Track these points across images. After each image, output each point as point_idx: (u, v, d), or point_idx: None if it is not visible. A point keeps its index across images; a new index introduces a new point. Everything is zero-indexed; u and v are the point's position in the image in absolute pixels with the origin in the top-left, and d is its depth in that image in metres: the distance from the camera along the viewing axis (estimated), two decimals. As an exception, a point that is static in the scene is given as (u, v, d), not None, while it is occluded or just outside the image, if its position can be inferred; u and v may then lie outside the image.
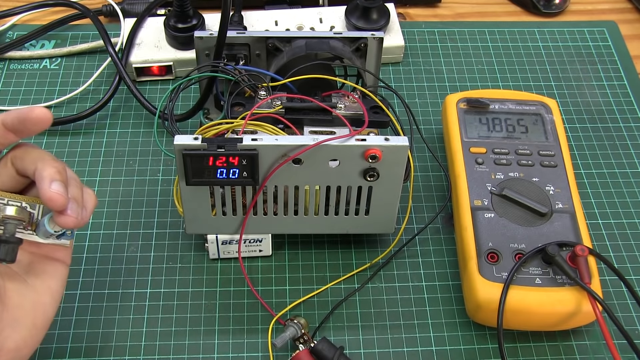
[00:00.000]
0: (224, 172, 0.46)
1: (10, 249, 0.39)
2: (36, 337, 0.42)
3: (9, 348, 0.40)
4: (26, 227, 0.41)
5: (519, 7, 0.78)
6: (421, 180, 0.61)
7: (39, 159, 0.40)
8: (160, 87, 0.68)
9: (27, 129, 0.39)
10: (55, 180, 0.39)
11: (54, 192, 0.38)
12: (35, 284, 0.42)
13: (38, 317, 0.42)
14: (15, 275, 0.42)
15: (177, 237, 0.56)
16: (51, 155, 0.41)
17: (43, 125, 0.39)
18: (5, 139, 0.40)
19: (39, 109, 0.39)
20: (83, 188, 0.42)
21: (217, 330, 0.51)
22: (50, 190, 0.38)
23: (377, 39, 0.55)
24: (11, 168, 0.41)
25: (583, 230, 0.51)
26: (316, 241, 0.56)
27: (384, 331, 0.51)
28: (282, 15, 0.71)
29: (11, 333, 0.40)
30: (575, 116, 0.66)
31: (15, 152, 0.41)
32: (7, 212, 0.40)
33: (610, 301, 0.53)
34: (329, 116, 0.50)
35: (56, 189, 0.38)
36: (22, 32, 0.70)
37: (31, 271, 0.43)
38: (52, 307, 0.43)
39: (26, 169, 0.40)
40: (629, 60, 0.72)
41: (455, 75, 0.70)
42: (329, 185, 0.49)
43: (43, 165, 0.39)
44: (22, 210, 0.40)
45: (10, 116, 0.39)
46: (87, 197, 0.42)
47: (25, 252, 0.42)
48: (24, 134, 0.40)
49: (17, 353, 0.41)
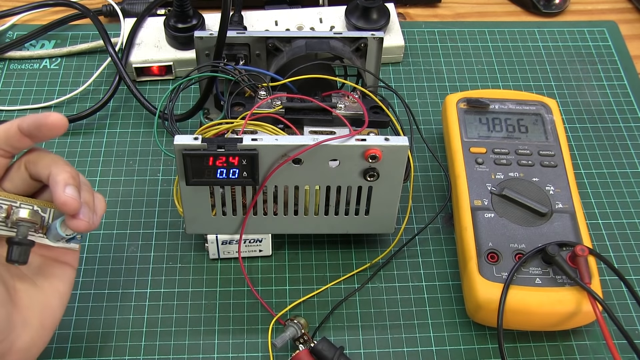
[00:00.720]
0: (224, 172, 0.46)
1: (23, 250, 0.40)
2: (44, 338, 0.43)
3: (18, 348, 0.41)
4: (37, 230, 0.42)
5: (519, 7, 0.78)
6: (421, 180, 0.61)
7: (53, 164, 0.41)
8: (160, 87, 0.68)
9: (42, 134, 0.40)
10: (69, 185, 0.40)
11: (68, 196, 0.39)
12: (44, 286, 0.43)
13: (46, 318, 0.43)
14: (25, 277, 0.43)
15: (177, 237, 0.56)
16: (64, 160, 0.42)
17: (58, 131, 0.40)
18: (21, 143, 0.41)
19: (55, 115, 0.40)
20: (94, 193, 0.43)
21: (217, 330, 0.51)
22: (65, 194, 0.39)
23: (377, 39, 0.55)
24: (24, 172, 0.41)
25: (583, 230, 0.51)
26: (316, 241, 0.56)
27: (384, 331, 0.51)
28: (282, 15, 0.71)
29: (21, 333, 0.41)
30: (575, 116, 0.66)
31: (29, 156, 0.42)
32: (20, 215, 0.40)
33: (610, 301, 0.53)
34: (329, 116, 0.50)
35: (70, 194, 0.39)
36: (22, 32, 0.70)
37: (41, 273, 0.43)
38: (59, 309, 0.44)
39: (40, 173, 0.41)
40: (629, 60, 0.72)
41: (455, 75, 0.70)
42: (329, 185, 0.49)
43: (57, 170, 0.40)
44: (35, 214, 0.41)
45: (26, 121, 0.40)
46: (98, 202, 0.43)
47: (35, 255, 0.43)
48: (38, 139, 0.41)
49: (26, 353, 0.41)
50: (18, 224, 0.40)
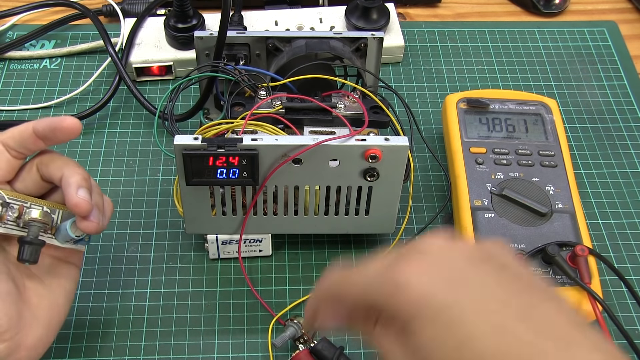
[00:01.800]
0: (224, 172, 0.46)
1: (34, 250, 0.41)
2: (50, 336, 0.44)
3: (27, 345, 0.42)
4: (47, 230, 0.42)
5: (519, 7, 0.78)
6: (421, 180, 0.61)
7: (65, 166, 0.41)
8: (160, 87, 0.68)
9: (56, 137, 0.41)
10: (82, 187, 0.41)
11: (80, 198, 0.40)
12: (52, 285, 0.44)
13: (54, 317, 0.44)
14: (34, 276, 0.43)
15: (177, 237, 0.56)
16: (76, 162, 0.43)
17: (72, 135, 0.41)
18: (35, 146, 0.42)
19: (70, 119, 0.41)
20: (103, 196, 0.44)
21: (217, 330, 0.51)
22: (78, 196, 0.40)
23: (377, 39, 0.55)
24: (36, 173, 0.42)
25: (583, 230, 0.51)
26: (316, 241, 0.56)
27: (384, 331, 0.51)
28: (282, 15, 0.71)
29: (30, 330, 0.42)
30: (575, 116, 0.66)
31: (41, 158, 0.42)
32: (32, 215, 0.41)
33: (610, 301, 0.53)
34: (329, 116, 0.50)
35: (82, 196, 0.40)
36: (22, 32, 0.70)
37: (49, 273, 0.44)
38: (65, 307, 0.45)
39: (52, 175, 0.42)
40: (629, 60, 0.72)
41: (455, 75, 0.70)
42: (329, 185, 0.49)
43: (70, 172, 0.41)
44: (46, 214, 0.42)
45: (41, 124, 0.41)
46: (107, 205, 0.44)
47: (44, 255, 0.43)
48: (52, 142, 0.42)
49: (34, 351, 0.42)
50: (29, 224, 0.41)
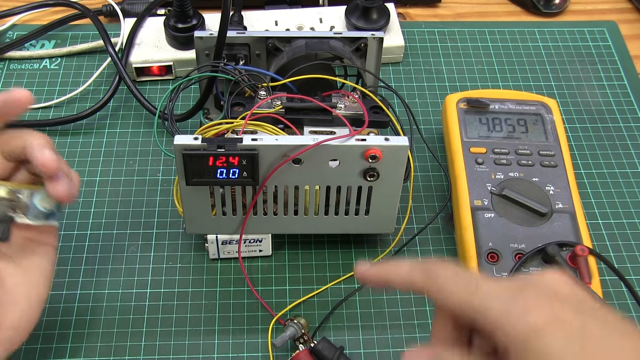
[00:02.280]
0: (224, 172, 0.46)
1: (5, 227, 0.41)
2: (32, 316, 0.44)
3: (7, 326, 0.42)
4: (16, 210, 0.42)
5: (519, 7, 0.78)
6: (421, 180, 0.61)
7: (26, 135, 0.42)
8: (160, 87, 0.68)
9: (9, 110, 0.41)
10: (46, 147, 0.40)
11: (47, 157, 0.40)
12: (28, 266, 0.44)
13: (32, 297, 0.44)
14: (8, 258, 0.44)
15: (177, 237, 0.56)
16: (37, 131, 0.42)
17: (24, 105, 0.41)
18: None
19: (19, 90, 0.41)
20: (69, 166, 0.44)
21: (217, 330, 0.51)
22: (43, 155, 0.40)
23: (377, 39, 0.55)
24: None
25: (583, 230, 0.51)
26: (316, 241, 0.56)
27: (384, 331, 0.51)
28: (282, 15, 0.71)
29: (8, 311, 0.42)
30: (575, 116, 0.66)
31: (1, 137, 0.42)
32: None
33: (610, 301, 0.53)
34: (329, 116, 0.50)
35: (49, 154, 0.40)
36: (22, 32, 0.70)
37: (23, 254, 0.44)
38: (45, 287, 0.45)
39: (15, 149, 0.42)
40: (629, 60, 0.72)
41: (455, 75, 0.70)
42: (329, 185, 0.49)
43: (32, 138, 0.41)
44: (11, 192, 0.42)
45: None
46: (73, 174, 0.44)
47: (16, 236, 0.44)
48: (7, 116, 0.42)
49: (15, 331, 0.43)
50: None
